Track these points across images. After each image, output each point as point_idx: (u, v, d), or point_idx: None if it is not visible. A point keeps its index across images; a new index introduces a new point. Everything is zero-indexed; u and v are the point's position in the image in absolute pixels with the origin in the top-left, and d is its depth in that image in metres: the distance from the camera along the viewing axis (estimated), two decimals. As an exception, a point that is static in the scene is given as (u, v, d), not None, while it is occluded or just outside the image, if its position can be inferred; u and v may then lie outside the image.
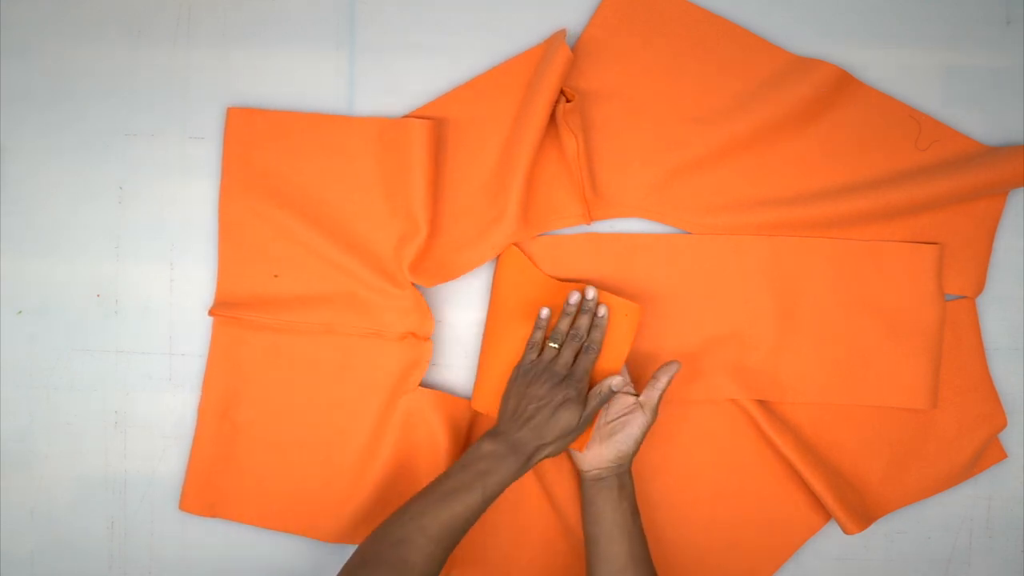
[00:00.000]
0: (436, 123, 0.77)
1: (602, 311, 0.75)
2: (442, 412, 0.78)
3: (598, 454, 0.74)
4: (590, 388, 0.74)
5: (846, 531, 0.77)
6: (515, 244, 0.79)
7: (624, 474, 0.75)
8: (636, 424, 0.74)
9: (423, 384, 0.79)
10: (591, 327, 0.75)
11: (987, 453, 0.81)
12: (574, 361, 0.74)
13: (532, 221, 0.80)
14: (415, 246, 0.77)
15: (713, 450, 0.81)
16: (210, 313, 0.79)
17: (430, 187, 0.77)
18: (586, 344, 0.74)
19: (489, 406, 0.76)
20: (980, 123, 0.80)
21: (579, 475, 0.77)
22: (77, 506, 0.82)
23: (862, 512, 0.79)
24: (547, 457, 0.72)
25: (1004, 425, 0.80)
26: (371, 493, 0.79)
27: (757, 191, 0.80)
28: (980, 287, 0.81)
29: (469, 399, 0.80)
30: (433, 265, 0.78)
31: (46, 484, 0.82)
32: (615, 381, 0.73)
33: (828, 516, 0.80)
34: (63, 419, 0.82)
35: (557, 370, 0.73)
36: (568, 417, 0.71)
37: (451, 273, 0.78)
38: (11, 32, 0.81)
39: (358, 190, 0.79)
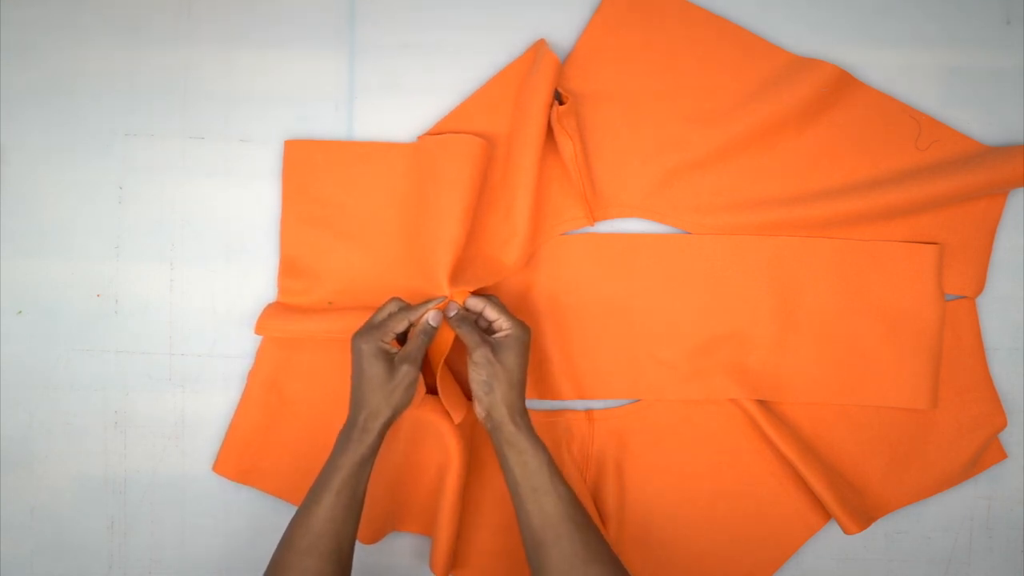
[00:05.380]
0: (487, 142, 0.77)
1: (438, 299, 0.74)
2: (448, 418, 0.77)
3: (475, 407, 0.73)
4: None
5: (846, 531, 0.78)
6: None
7: (503, 424, 0.71)
8: (469, 369, 0.72)
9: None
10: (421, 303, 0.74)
11: (987, 453, 0.81)
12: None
13: (539, 230, 0.80)
14: (452, 255, 0.75)
15: (713, 450, 0.81)
16: (256, 331, 0.79)
17: (474, 199, 0.76)
18: (401, 307, 0.73)
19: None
20: (980, 123, 0.80)
21: None
22: (77, 506, 0.82)
23: (862, 512, 0.79)
24: (393, 415, 0.70)
25: (1004, 425, 0.80)
26: (383, 496, 0.79)
27: (757, 191, 0.80)
28: (980, 287, 0.81)
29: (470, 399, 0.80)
30: (462, 275, 0.77)
31: (46, 484, 0.82)
32: (430, 315, 0.72)
33: (828, 516, 0.80)
34: (63, 419, 0.82)
35: (363, 328, 0.72)
36: (366, 365, 0.70)
37: (472, 285, 0.77)
38: (11, 32, 0.81)
39: (414, 214, 0.79)
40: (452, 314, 0.73)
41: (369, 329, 0.72)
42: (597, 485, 0.81)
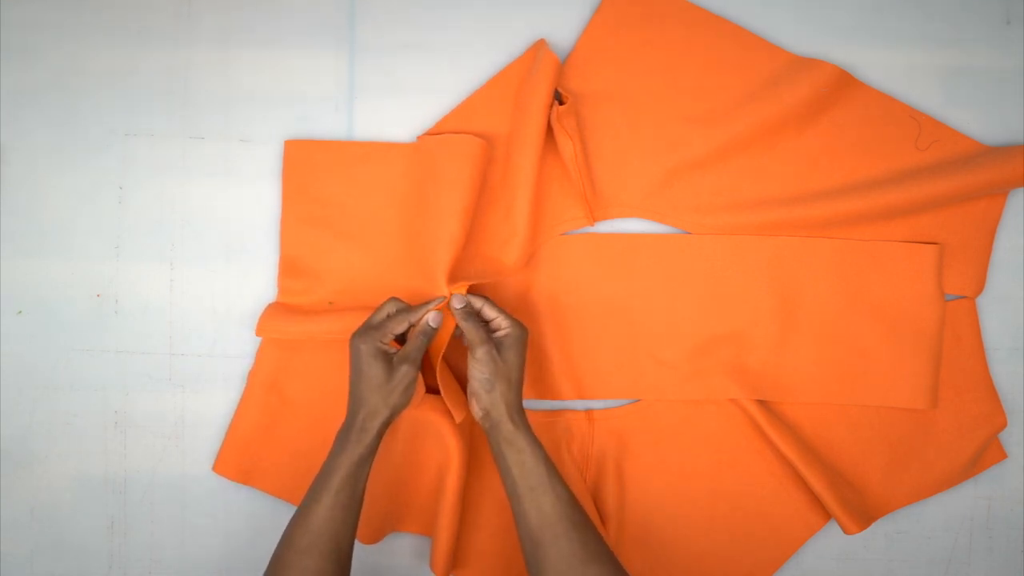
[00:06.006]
0: (487, 142, 0.77)
1: (438, 300, 0.73)
2: (449, 417, 0.78)
3: (471, 406, 0.73)
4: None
5: (846, 531, 0.78)
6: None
7: (502, 423, 0.71)
8: (469, 366, 0.72)
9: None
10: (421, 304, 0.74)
11: (987, 453, 0.81)
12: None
13: (539, 230, 0.80)
14: (452, 255, 0.75)
15: (713, 450, 0.81)
16: (257, 333, 0.79)
17: (474, 199, 0.76)
18: (401, 308, 0.73)
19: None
20: (980, 123, 0.81)
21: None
22: (77, 506, 0.82)
23: (862, 512, 0.79)
24: (392, 415, 0.70)
25: (1004, 425, 0.80)
26: (382, 496, 0.79)
27: (757, 191, 0.80)
28: (980, 287, 0.81)
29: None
30: (462, 274, 0.77)
31: (46, 484, 0.82)
32: (431, 316, 0.72)
33: (828, 516, 0.80)
34: (63, 419, 0.82)
35: (357, 331, 0.72)
36: (365, 366, 0.70)
37: (471, 281, 0.77)
38: (11, 32, 0.81)
39: (414, 213, 0.79)
40: (459, 307, 0.73)
41: (368, 329, 0.72)
42: (597, 485, 0.81)
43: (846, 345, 0.80)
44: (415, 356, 0.71)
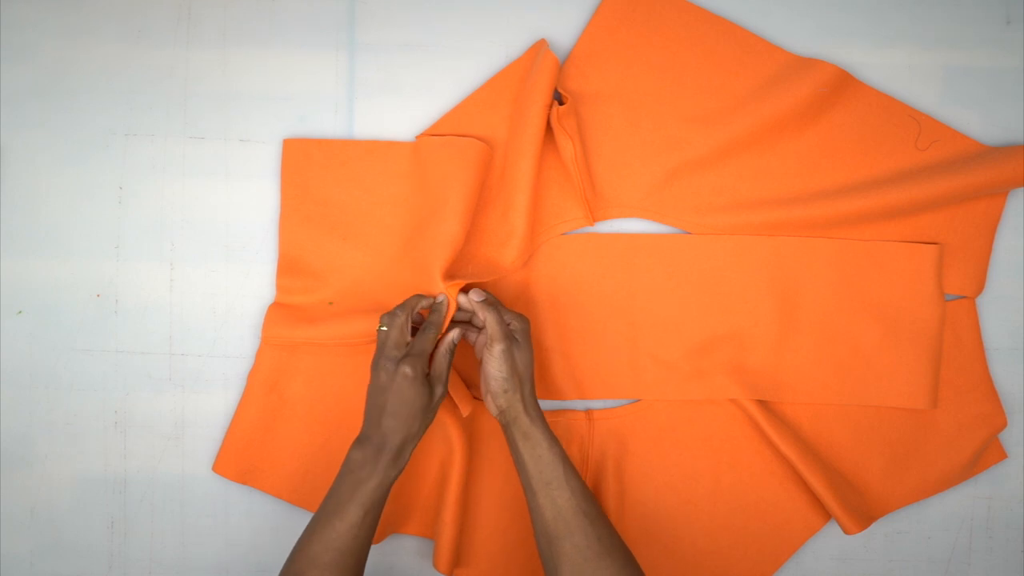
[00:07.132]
0: (489, 146, 0.78)
1: (441, 298, 0.73)
2: (452, 412, 0.78)
3: (486, 402, 0.73)
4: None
5: (846, 531, 0.78)
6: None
7: (519, 418, 0.71)
8: (486, 363, 0.72)
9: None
10: (431, 312, 0.74)
11: (987, 453, 0.81)
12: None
13: (539, 230, 0.80)
14: (451, 255, 0.75)
15: (713, 450, 0.81)
16: (262, 340, 0.79)
17: (474, 202, 0.77)
18: (424, 323, 0.73)
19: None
20: (980, 123, 0.81)
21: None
22: (77, 506, 0.82)
23: (862, 512, 0.79)
24: (419, 437, 0.70)
25: (1004, 425, 0.80)
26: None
27: (757, 191, 0.80)
28: (980, 287, 0.81)
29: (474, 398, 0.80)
30: (460, 273, 0.77)
31: (46, 484, 0.82)
32: (453, 334, 0.72)
33: (828, 516, 0.80)
34: (63, 419, 0.82)
35: (389, 353, 0.70)
36: (412, 393, 0.68)
37: (469, 279, 0.77)
38: (11, 32, 0.81)
39: (413, 213, 0.79)
40: (480, 300, 0.73)
41: (408, 355, 0.69)
42: (597, 485, 0.81)
43: (846, 345, 0.80)
44: (446, 375, 0.72)
